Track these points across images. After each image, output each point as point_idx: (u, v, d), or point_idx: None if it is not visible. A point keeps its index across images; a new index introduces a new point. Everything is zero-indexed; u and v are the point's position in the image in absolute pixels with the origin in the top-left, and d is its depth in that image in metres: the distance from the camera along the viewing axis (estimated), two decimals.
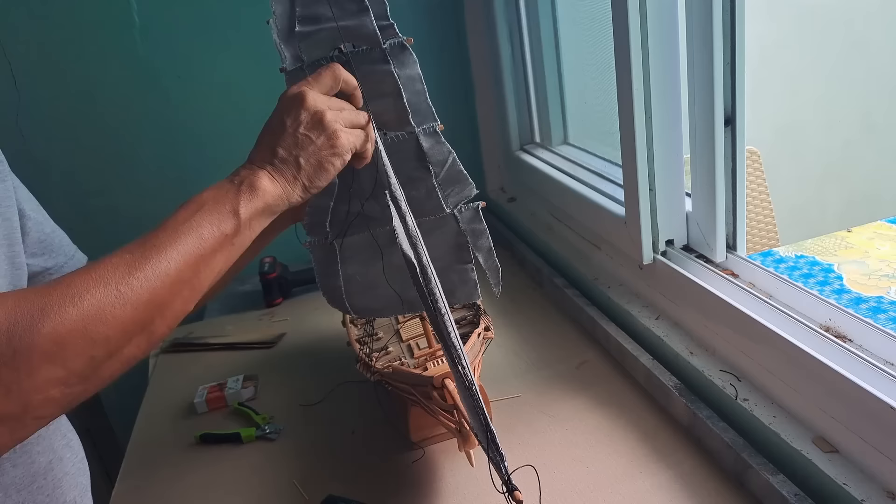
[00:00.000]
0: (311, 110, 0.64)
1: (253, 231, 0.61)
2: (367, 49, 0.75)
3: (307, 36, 0.75)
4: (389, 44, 0.75)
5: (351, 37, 0.75)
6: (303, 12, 0.74)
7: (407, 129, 0.78)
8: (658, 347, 0.97)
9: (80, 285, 0.48)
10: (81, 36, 1.43)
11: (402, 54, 0.75)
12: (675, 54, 0.91)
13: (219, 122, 1.54)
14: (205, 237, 0.56)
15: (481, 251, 0.85)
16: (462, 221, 0.83)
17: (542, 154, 1.47)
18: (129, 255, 0.52)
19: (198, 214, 0.57)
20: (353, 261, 0.85)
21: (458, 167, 0.81)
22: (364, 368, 0.91)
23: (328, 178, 0.65)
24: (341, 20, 0.74)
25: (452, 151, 0.80)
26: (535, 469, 0.67)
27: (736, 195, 0.91)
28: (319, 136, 0.63)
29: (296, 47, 0.75)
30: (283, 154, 0.63)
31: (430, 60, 1.61)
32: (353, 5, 0.73)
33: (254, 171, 0.62)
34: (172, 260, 0.53)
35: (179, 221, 0.56)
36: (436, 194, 0.81)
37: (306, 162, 0.63)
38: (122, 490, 0.93)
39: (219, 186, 0.61)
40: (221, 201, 0.59)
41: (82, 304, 0.47)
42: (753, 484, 0.73)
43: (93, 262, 0.51)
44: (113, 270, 0.50)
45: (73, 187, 1.52)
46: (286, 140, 0.63)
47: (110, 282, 0.49)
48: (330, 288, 0.87)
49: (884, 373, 0.68)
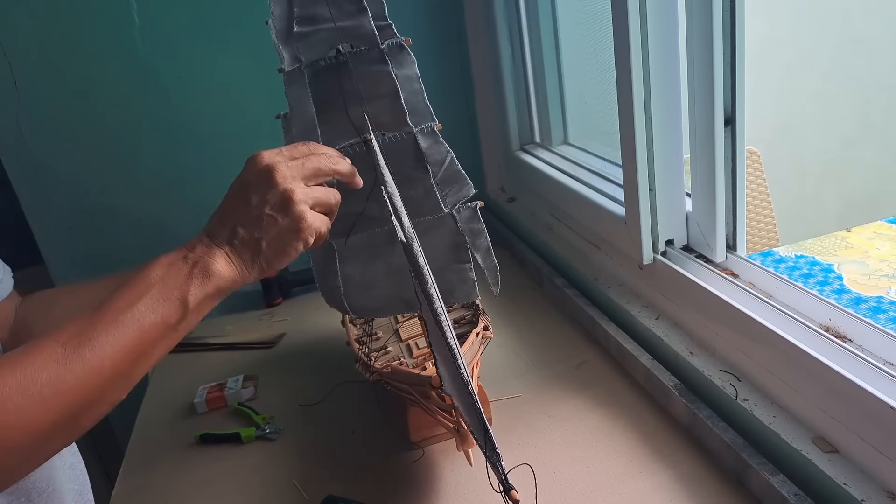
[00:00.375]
0: (280, 188, 0.58)
1: (199, 316, 0.55)
2: (365, 49, 0.75)
3: (305, 36, 0.75)
4: (387, 44, 0.75)
5: (349, 37, 0.75)
6: (301, 13, 0.74)
7: (405, 130, 0.78)
8: (658, 347, 0.97)
9: (4, 391, 0.43)
10: (81, 36, 1.43)
11: (401, 54, 0.75)
12: (675, 54, 0.91)
13: (219, 122, 1.54)
14: (146, 328, 0.51)
15: (479, 251, 0.85)
16: (460, 221, 0.83)
17: (542, 154, 1.47)
18: (60, 350, 0.47)
19: (142, 301, 0.51)
20: (352, 261, 0.85)
21: (455, 167, 0.81)
22: (363, 368, 0.91)
23: (287, 261, 0.60)
24: (339, 21, 0.74)
25: (450, 151, 0.80)
26: (531, 468, 0.67)
27: (736, 195, 0.91)
28: (285, 218, 0.58)
29: (294, 48, 0.75)
30: (244, 235, 0.57)
31: (430, 60, 1.61)
32: (352, 6, 0.73)
33: (210, 252, 0.56)
34: (107, 356, 0.48)
35: (120, 308, 0.51)
36: (434, 194, 0.82)
37: (268, 246, 0.58)
38: (122, 490, 0.93)
39: (169, 264, 0.55)
40: (170, 286, 0.53)
41: (2, 415, 0.43)
42: (753, 484, 0.73)
43: (19, 355, 0.46)
44: (40, 371, 0.45)
45: (73, 187, 1.52)
46: (249, 220, 0.58)
47: (34, 385, 0.44)
48: (328, 288, 0.87)
49: (884, 373, 0.68)
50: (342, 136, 0.78)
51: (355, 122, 0.77)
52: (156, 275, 0.53)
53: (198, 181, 1.55)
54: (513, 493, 0.55)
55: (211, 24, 1.47)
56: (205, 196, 1.53)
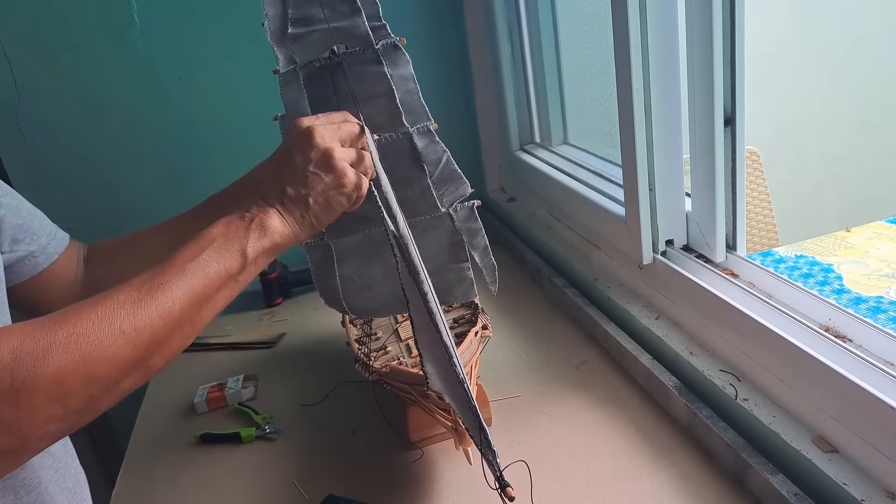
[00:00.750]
0: (321, 147, 0.63)
1: (257, 268, 0.61)
2: (359, 50, 0.75)
3: (300, 38, 0.75)
4: (382, 44, 0.75)
5: (343, 38, 0.75)
6: (295, 14, 0.74)
7: (400, 130, 0.78)
8: (658, 347, 0.97)
9: (85, 324, 0.48)
10: (81, 36, 1.43)
11: (395, 54, 0.75)
12: (675, 54, 0.91)
13: (219, 122, 1.54)
14: (211, 276, 0.56)
15: (477, 250, 0.85)
16: (457, 220, 0.83)
17: (542, 154, 1.47)
18: (135, 293, 0.52)
19: (206, 252, 0.57)
20: (350, 261, 0.85)
21: (452, 166, 0.81)
22: (362, 368, 0.91)
23: (334, 216, 0.65)
24: (333, 21, 0.74)
25: (447, 150, 0.80)
26: (527, 465, 0.67)
27: (736, 195, 0.91)
28: (328, 175, 0.63)
29: (289, 49, 0.75)
30: (292, 193, 0.63)
31: (430, 60, 1.61)
32: (346, 6, 0.73)
33: (265, 210, 0.62)
34: (177, 299, 0.53)
35: (187, 258, 0.56)
36: (430, 193, 0.81)
37: (314, 201, 0.63)
38: (122, 490, 0.93)
39: (228, 223, 0.60)
40: (231, 239, 0.59)
41: (86, 345, 0.48)
42: (753, 483, 0.73)
43: (98, 298, 0.51)
44: (118, 309, 0.50)
45: (73, 187, 1.52)
46: (296, 179, 0.63)
47: (114, 321, 0.50)
48: (327, 288, 0.87)
49: (884, 373, 0.68)
50: None
51: None
52: (217, 231, 0.59)
53: (198, 181, 1.54)
54: (508, 489, 0.55)
55: (211, 24, 1.47)
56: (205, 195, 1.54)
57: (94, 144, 1.50)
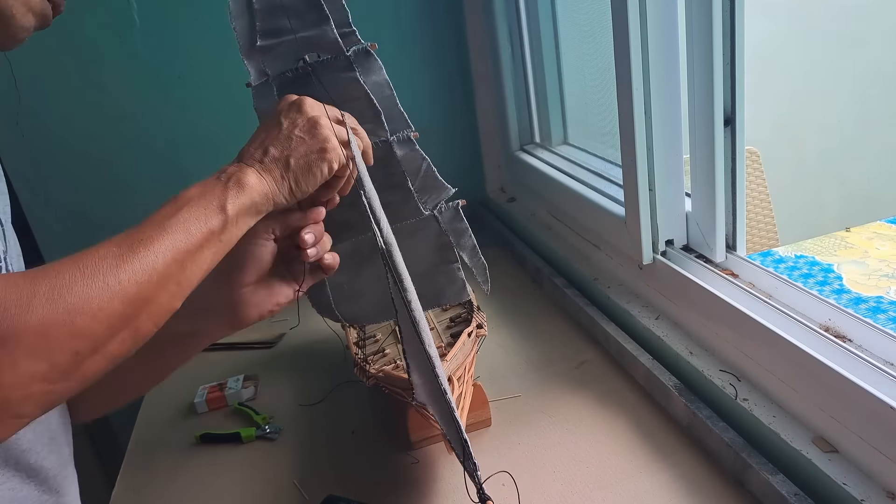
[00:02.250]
0: (308, 115, 0.65)
1: (240, 229, 0.61)
2: (331, 58, 0.74)
3: (269, 49, 0.74)
4: (353, 51, 0.74)
5: (312, 47, 0.74)
6: (263, 26, 0.73)
7: (380, 138, 0.77)
8: (658, 347, 0.97)
9: (69, 276, 0.48)
10: (81, 36, 1.43)
11: (367, 61, 0.75)
12: (675, 54, 0.91)
13: (219, 122, 1.54)
14: (192, 232, 0.56)
15: (465, 250, 0.85)
16: (443, 221, 0.83)
17: (541, 154, 1.47)
18: (115, 248, 0.51)
19: (184, 210, 0.57)
20: (340, 270, 0.84)
21: (432, 173, 0.80)
22: (360, 372, 0.91)
23: (314, 184, 0.65)
24: (301, 31, 0.73)
25: (426, 158, 0.79)
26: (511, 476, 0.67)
27: (736, 195, 0.91)
28: (312, 140, 0.64)
29: (259, 62, 0.75)
30: (274, 153, 0.63)
31: (431, 61, 1.61)
32: (313, 14, 0.72)
33: (241, 168, 0.62)
34: (160, 254, 0.53)
35: (166, 216, 0.56)
36: (412, 197, 0.81)
37: (296, 163, 0.63)
38: (122, 490, 0.93)
39: (204, 183, 0.61)
40: (208, 197, 0.59)
41: (70, 297, 0.47)
42: (753, 483, 0.73)
43: (79, 253, 0.51)
44: (100, 262, 0.50)
45: (73, 187, 1.52)
46: (279, 139, 0.64)
47: (98, 274, 0.49)
48: (318, 298, 0.87)
49: (884, 373, 0.68)
50: None
51: None
52: (193, 191, 0.59)
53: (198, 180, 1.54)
54: (489, 503, 0.55)
55: (211, 24, 1.47)
56: None
57: (94, 144, 1.50)
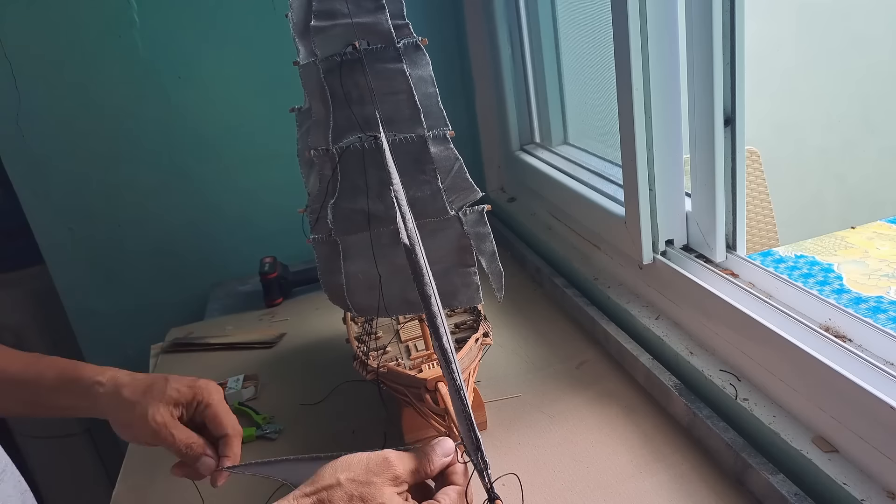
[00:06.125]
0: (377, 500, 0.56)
1: None
2: (380, 47, 0.74)
3: (322, 31, 0.74)
4: (403, 43, 0.74)
5: (366, 34, 0.75)
6: (319, 7, 0.74)
7: (417, 132, 0.78)
8: (658, 347, 0.97)
9: None
10: (81, 36, 1.43)
11: (416, 54, 0.75)
12: (675, 54, 0.91)
13: (219, 122, 1.54)
14: None
15: (485, 255, 0.85)
16: (466, 224, 0.83)
17: (542, 154, 1.47)
18: None
19: None
20: (357, 259, 0.85)
21: (464, 174, 0.81)
22: (360, 366, 0.91)
23: None
24: (357, 17, 0.73)
25: (459, 158, 0.80)
26: (517, 477, 0.67)
27: (736, 195, 0.91)
28: None
29: (311, 42, 0.75)
30: None
31: (431, 60, 1.61)
32: (370, 3, 0.73)
33: None
34: None
35: None
36: (441, 196, 0.81)
37: None
38: (122, 490, 0.93)
39: None
40: None
41: None
42: (753, 483, 0.73)
43: None
44: None
45: (73, 187, 1.52)
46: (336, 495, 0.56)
47: None
48: (332, 285, 0.87)
49: (884, 373, 0.68)
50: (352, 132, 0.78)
51: (368, 119, 0.76)
52: None
53: (198, 180, 1.55)
54: (497, 502, 0.55)
55: (211, 23, 1.47)
56: (205, 195, 1.54)
57: (94, 144, 1.50)
